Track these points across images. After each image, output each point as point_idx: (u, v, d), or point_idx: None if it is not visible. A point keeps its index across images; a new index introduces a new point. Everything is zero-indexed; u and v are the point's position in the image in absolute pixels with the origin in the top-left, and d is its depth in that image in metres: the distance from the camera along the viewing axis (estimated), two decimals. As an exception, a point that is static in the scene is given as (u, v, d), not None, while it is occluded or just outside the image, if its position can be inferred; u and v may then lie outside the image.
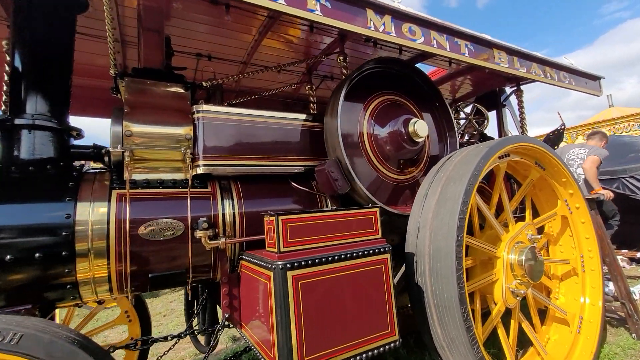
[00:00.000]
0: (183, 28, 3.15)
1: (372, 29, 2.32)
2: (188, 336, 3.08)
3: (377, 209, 2.20)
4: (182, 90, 2.55)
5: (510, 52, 3.25)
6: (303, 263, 1.79)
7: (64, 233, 1.94)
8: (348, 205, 2.94)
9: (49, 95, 2.32)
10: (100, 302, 2.80)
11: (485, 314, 2.77)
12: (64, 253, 1.94)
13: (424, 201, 2.69)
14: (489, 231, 3.03)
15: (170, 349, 2.98)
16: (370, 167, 2.94)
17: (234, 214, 2.49)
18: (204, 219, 2.25)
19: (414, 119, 2.84)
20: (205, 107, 2.49)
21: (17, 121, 2.15)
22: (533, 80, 3.88)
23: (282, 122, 2.86)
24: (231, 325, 2.42)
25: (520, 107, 4.57)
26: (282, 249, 1.82)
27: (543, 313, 3.40)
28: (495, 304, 2.77)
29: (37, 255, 1.87)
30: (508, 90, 4.97)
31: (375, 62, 3.03)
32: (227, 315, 2.33)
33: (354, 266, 1.97)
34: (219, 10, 2.85)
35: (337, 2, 2.18)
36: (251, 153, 2.65)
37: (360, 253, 2.00)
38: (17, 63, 2.26)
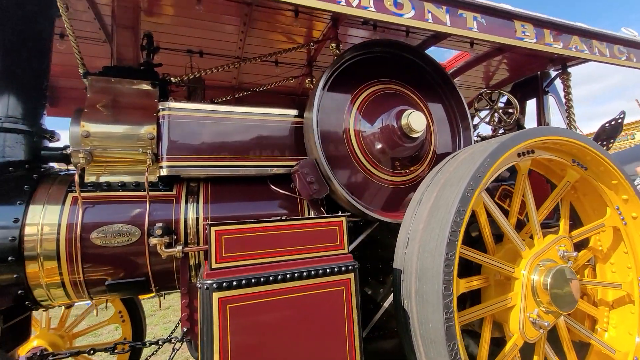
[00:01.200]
0: (168, 24, 3.04)
1: (343, 3, 1.95)
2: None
3: (343, 218, 1.84)
4: (149, 88, 2.41)
5: (540, 24, 2.62)
6: (234, 283, 1.52)
7: (9, 238, 1.89)
8: (337, 212, 2.60)
9: (21, 97, 2.33)
10: (69, 306, 2.81)
11: (501, 343, 2.26)
12: (10, 258, 1.89)
13: (417, 208, 2.25)
14: (508, 245, 2.48)
15: (154, 352, 2.90)
16: (358, 168, 2.55)
17: (197, 219, 2.29)
18: (160, 224, 2.08)
19: (409, 111, 2.39)
20: (171, 104, 2.33)
21: (-13, 124, 2.17)
22: (578, 60, 3.15)
23: (260, 119, 2.59)
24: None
25: (567, 94, 3.79)
26: (213, 265, 1.56)
27: (584, 346, 2.72)
28: (512, 335, 2.24)
29: (-18, 259, 1.84)
30: (553, 74, 4.16)
31: (361, 47, 2.63)
32: (185, 329, 2.14)
33: (303, 288, 1.64)
34: (192, 2, 2.67)
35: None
36: (223, 153, 2.43)
37: (313, 272, 1.66)
38: (-8, 65, 2.29)
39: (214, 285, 1.49)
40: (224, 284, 1.50)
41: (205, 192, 2.41)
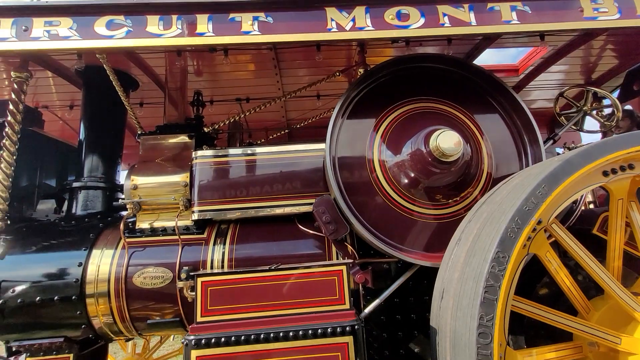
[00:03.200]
0: (215, 80, 3.40)
1: (335, 29, 1.81)
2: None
3: (343, 268, 1.60)
4: (186, 139, 2.68)
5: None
6: (213, 341, 1.44)
7: (74, 280, 2.27)
8: (370, 252, 2.33)
9: (101, 160, 2.88)
10: (128, 339, 3.14)
11: None
12: (73, 297, 2.24)
13: (454, 250, 1.81)
14: (610, 301, 1.75)
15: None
16: (386, 203, 2.24)
17: (223, 260, 2.34)
18: (186, 268, 2.20)
19: (439, 131, 2.01)
20: (199, 152, 2.52)
21: (74, 184, 2.74)
22: None
23: (286, 156, 2.57)
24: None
25: None
26: (198, 319, 1.52)
27: None
28: None
29: (55, 298, 2.24)
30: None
31: (378, 70, 2.37)
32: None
33: (290, 351, 1.44)
34: (227, 58, 2.92)
35: (278, 15, 1.81)
36: (249, 194, 2.47)
37: (301, 333, 1.45)
38: (81, 134, 2.91)
39: (193, 342, 1.43)
40: (203, 341, 1.44)
41: (233, 233, 2.46)
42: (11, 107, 2.35)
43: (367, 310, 2.04)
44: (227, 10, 1.83)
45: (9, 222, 2.29)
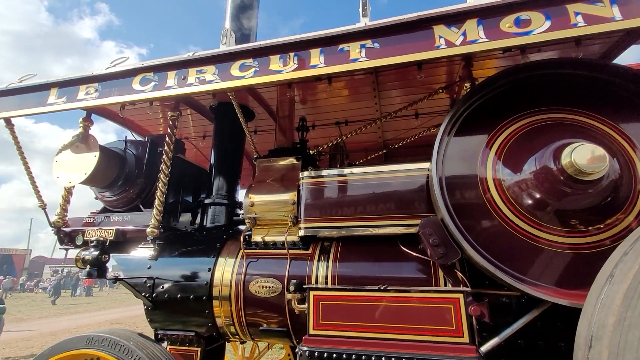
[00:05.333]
0: (318, 106, 3.68)
1: (444, 46, 1.77)
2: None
3: (460, 296, 1.48)
4: (294, 162, 2.93)
5: None
6: (325, 355, 1.49)
7: (204, 282, 2.66)
8: (484, 282, 2.11)
9: (225, 180, 3.39)
10: (241, 342, 3.41)
11: None
12: (204, 297, 2.63)
13: (605, 288, 1.49)
14: None
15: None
16: (504, 228, 2.00)
17: (326, 276, 2.42)
18: (294, 281, 2.35)
19: (574, 144, 1.72)
20: (305, 173, 2.72)
21: (206, 200, 3.27)
22: None
23: (389, 176, 2.56)
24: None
25: None
26: (311, 331, 1.60)
27: None
28: None
29: (191, 296, 2.65)
30: None
31: (501, 77, 2.18)
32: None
33: (402, 378, 1.38)
34: (330, 85, 3.14)
35: (384, 40, 1.88)
36: (352, 213, 2.53)
37: (415, 361, 1.38)
38: (212, 159, 3.48)
39: (307, 353, 1.51)
40: (316, 354, 1.50)
41: (336, 251, 2.54)
42: (167, 139, 2.99)
43: (484, 347, 1.81)
44: (337, 42, 1.99)
45: (162, 230, 2.85)
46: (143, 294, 2.76)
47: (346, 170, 2.65)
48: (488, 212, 2.05)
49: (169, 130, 3.00)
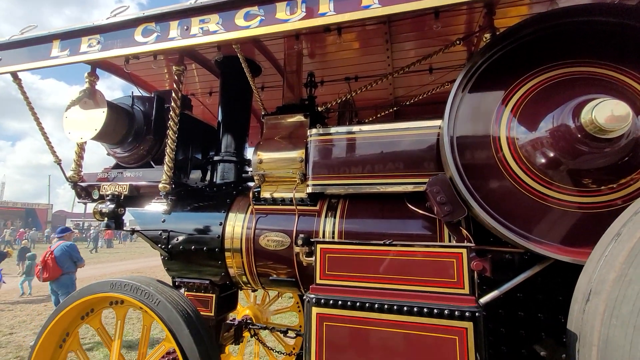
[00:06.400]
0: (327, 60, 3.52)
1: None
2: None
3: (463, 251, 1.51)
4: (302, 119, 2.88)
5: None
6: (331, 302, 1.58)
7: (217, 235, 2.77)
8: (489, 240, 2.15)
9: (233, 138, 3.38)
10: (253, 290, 3.63)
11: None
12: (216, 249, 2.76)
13: (610, 247, 1.50)
14: None
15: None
16: (514, 187, 1.98)
17: (333, 232, 2.49)
18: (302, 235, 2.43)
19: (597, 100, 1.63)
20: (313, 130, 2.68)
21: (215, 157, 3.29)
22: None
23: (399, 134, 2.51)
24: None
25: None
26: (317, 281, 1.68)
27: None
28: None
29: (204, 248, 2.79)
30: None
31: (526, 25, 2.02)
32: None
33: (403, 325, 1.47)
34: (340, 37, 2.97)
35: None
36: (360, 171, 2.53)
37: (416, 309, 1.46)
38: (219, 116, 3.45)
39: (314, 300, 1.60)
40: (322, 300, 1.59)
41: (343, 207, 2.59)
42: (173, 95, 2.94)
43: (484, 299, 1.90)
44: (348, -14, 1.84)
45: (173, 186, 2.92)
46: (159, 245, 2.91)
47: (355, 128, 2.60)
48: (499, 171, 2.02)
49: (174, 86, 2.94)
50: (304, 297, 1.69)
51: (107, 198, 2.95)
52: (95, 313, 2.55)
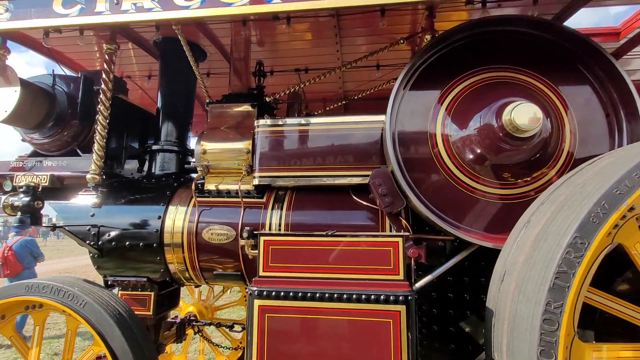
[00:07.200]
0: (276, 50, 3.44)
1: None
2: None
3: (399, 240, 1.60)
4: (249, 109, 2.80)
5: None
6: (273, 294, 1.57)
7: (155, 230, 2.60)
8: (425, 229, 2.30)
9: (175, 126, 3.16)
10: (196, 286, 3.51)
11: None
12: (154, 244, 2.59)
13: (521, 233, 1.70)
14: None
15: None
16: (447, 180, 2.14)
17: (280, 224, 2.48)
18: (248, 228, 2.38)
19: (515, 103, 1.83)
20: (260, 121, 2.62)
21: (154, 147, 3.06)
22: None
23: (344, 127, 2.57)
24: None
25: None
26: (260, 273, 1.67)
27: None
28: None
29: (141, 244, 2.60)
30: None
31: (458, 31, 2.17)
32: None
33: (343, 312, 1.53)
34: (290, 27, 2.91)
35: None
36: (307, 163, 2.54)
37: (355, 296, 1.52)
38: (159, 102, 3.20)
39: (256, 292, 1.58)
40: (265, 292, 1.58)
41: (290, 199, 2.58)
42: (104, 76, 2.66)
43: (418, 284, 2.05)
44: (295, -25, 1.81)
45: (104, 177, 2.66)
46: (88, 242, 2.65)
47: (304, 120, 2.60)
48: (435, 165, 2.17)
49: (105, 66, 2.67)
50: (247, 290, 1.67)
51: (21, 190, 2.59)
52: (7, 320, 2.25)
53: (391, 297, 1.50)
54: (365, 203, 2.41)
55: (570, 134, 2.09)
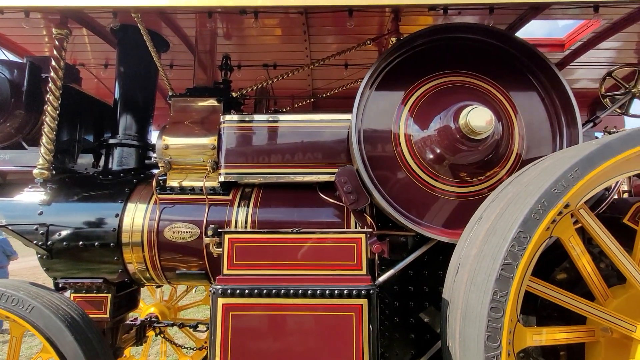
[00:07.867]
0: (244, 44, 3.38)
1: (371, -6, 1.74)
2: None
3: (362, 236, 1.65)
4: (215, 103, 2.73)
5: None
6: (237, 292, 1.56)
7: (112, 229, 2.46)
8: (388, 225, 2.38)
9: (134, 119, 3.00)
10: (158, 286, 3.40)
11: None
12: (111, 244, 2.45)
13: (474, 228, 1.83)
14: (631, 290, 1.74)
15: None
16: (409, 178, 2.24)
17: (246, 221, 2.46)
18: (212, 226, 2.33)
19: (470, 107, 1.95)
20: (227, 117, 2.57)
21: (110, 141, 2.89)
22: None
23: (311, 125, 2.59)
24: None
25: None
26: (224, 272, 1.65)
27: None
28: None
29: (96, 243, 2.45)
30: None
31: (419, 36, 2.27)
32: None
33: (306, 307, 1.55)
34: (257, 21, 2.87)
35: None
36: (274, 160, 2.53)
37: (319, 292, 1.56)
38: (116, 93, 3.02)
39: (220, 291, 1.56)
40: (229, 291, 1.56)
41: (257, 197, 2.56)
42: (53, 63, 2.46)
43: (381, 278, 2.13)
44: (262, -30, 1.79)
45: (53, 172, 2.47)
46: (35, 242, 2.45)
47: (271, 117, 2.59)
48: (397, 164, 2.26)
49: (55, 53, 2.48)
50: (210, 289, 1.64)
51: (-45, 185, 2.34)
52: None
53: (354, 292, 1.55)
54: (331, 200, 2.45)
55: (519, 136, 2.26)
